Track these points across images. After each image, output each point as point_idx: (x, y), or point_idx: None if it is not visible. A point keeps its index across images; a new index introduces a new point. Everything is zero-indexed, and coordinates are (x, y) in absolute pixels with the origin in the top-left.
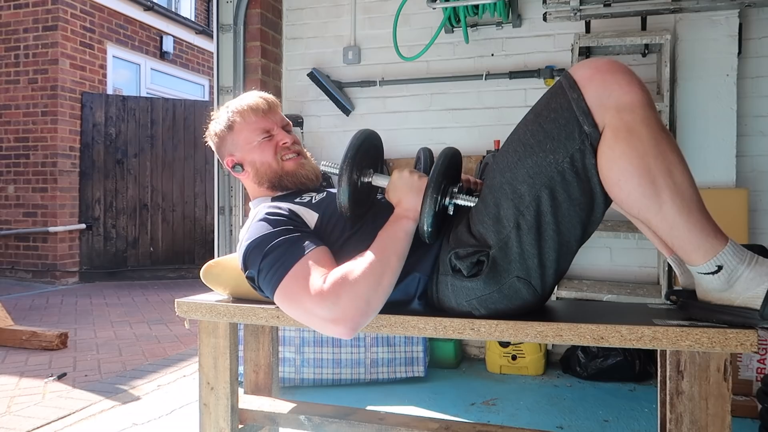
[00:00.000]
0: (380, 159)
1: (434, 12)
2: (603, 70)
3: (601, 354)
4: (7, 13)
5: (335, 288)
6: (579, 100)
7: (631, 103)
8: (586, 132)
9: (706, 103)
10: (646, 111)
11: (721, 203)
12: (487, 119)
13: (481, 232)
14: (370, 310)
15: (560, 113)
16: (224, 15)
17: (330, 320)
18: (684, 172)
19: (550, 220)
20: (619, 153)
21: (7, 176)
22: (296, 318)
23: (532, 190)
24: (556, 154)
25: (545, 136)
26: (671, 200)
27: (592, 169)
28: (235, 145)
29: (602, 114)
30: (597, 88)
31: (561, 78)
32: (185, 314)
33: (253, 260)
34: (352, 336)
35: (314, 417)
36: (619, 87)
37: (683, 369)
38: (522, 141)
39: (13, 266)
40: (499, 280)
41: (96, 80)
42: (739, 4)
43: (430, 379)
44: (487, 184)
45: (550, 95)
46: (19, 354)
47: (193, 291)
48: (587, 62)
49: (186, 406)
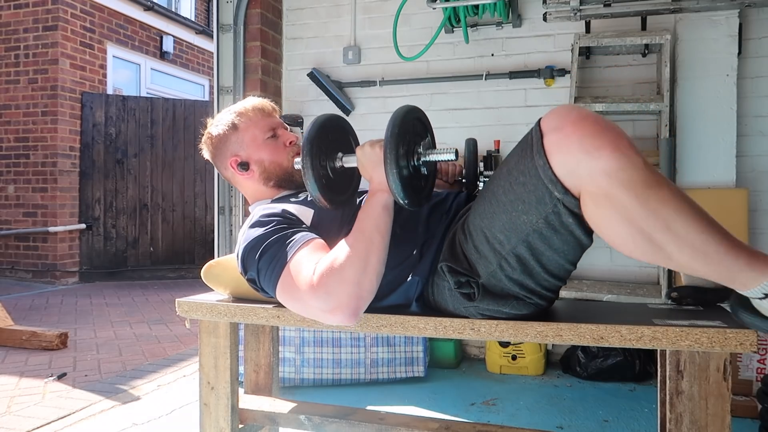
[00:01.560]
0: (350, 139)
1: (434, 12)
2: (569, 132)
3: (601, 354)
4: (7, 13)
5: (323, 278)
6: (545, 168)
7: (604, 168)
8: (557, 197)
9: (706, 103)
10: (624, 172)
11: (721, 203)
12: (487, 119)
13: (470, 260)
14: (363, 292)
15: (528, 178)
16: (224, 15)
17: (327, 311)
18: (688, 219)
19: (534, 264)
20: (604, 219)
21: (7, 176)
22: (299, 313)
23: (509, 241)
24: (529, 215)
25: (516, 198)
26: (679, 252)
27: (572, 225)
28: (241, 144)
29: (574, 181)
30: (564, 155)
31: (531, 132)
32: (186, 314)
33: (251, 262)
34: (355, 321)
35: (314, 417)
36: (587, 153)
37: (683, 369)
38: (495, 196)
39: (13, 266)
40: (496, 299)
41: (96, 80)
42: (739, 4)
43: (430, 379)
44: (470, 218)
45: (521, 152)
46: (19, 354)
47: (193, 291)
48: (555, 117)
49: (186, 406)
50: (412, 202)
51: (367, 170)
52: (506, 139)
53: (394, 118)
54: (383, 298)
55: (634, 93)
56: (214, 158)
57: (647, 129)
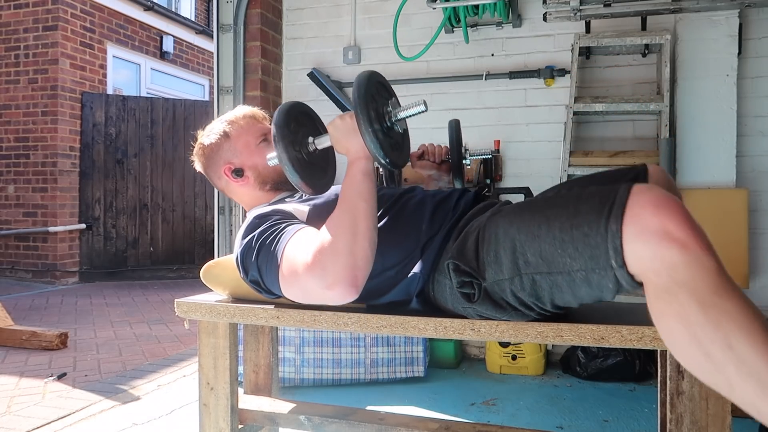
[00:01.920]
0: (316, 124)
1: (434, 12)
2: (651, 212)
3: (601, 354)
4: (7, 13)
5: (317, 256)
6: (615, 237)
7: (672, 261)
8: (612, 266)
9: (706, 103)
10: (690, 270)
11: (721, 203)
12: (487, 119)
13: (481, 260)
14: (358, 261)
15: (594, 233)
16: (224, 15)
17: (326, 288)
18: (756, 342)
19: (546, 295)
20: (663, 314)
21: (7, 176)
22: (306, 300)
23: (536, 267)
24: (574, 262)
25: (570, 240)
26: (740, 380)
27: (609, 290)
28: (234, 152)
29: (638, 261)
30: (638, 231)
31: (619, 192)
32: (185, 314)
33: (250, 263)
34: (356, 292)
35: (314, 417)
36: (660, 242)
37: (684, 369)
38: (549, 222)
39: (13, 266)
40: (495, 306)
41: (96, 80)
42: (739, 4)
43: (430, 379)
44: (502, 222)
45: (599, 202)
46: (19, 354)
47: (193, 291)
48: (644, 194)
49: (186, 406)
50: (393, 161)
51: (342, 143)
52: (506, 139)
53: (357, 83)
54: (385, 293)
55: (634, 93)
56: (206, 169)
57: (647, 129)
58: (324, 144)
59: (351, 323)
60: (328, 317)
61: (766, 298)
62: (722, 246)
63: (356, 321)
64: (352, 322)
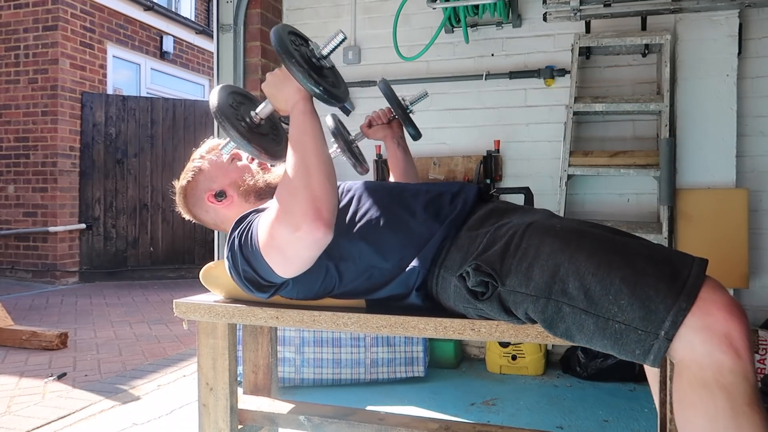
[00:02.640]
0: (252, 99)
1: (434, 12)
2: (722, 317)
3: (601, 354)
4: (7, 13)
5: (280, 207)
6: (679, 313)
7: (723, 362)
8: (659, 335)
9: (706, 103)
10: (736, 378)
11: (721, 203)
12: (487, 119)
13: (507, 266)
14: (317, 192)
15: (659, 296)
16: (224, 15)
17: (294, 229)
18: None
19: (559, 325)
20: (689, 402)
21: (7, 176)
22: (289, 261)
23: (569, 300)
24: (621, 312)
25: (630, 292)
26: None
27: (630, 350)
28: (211, 179)
29: (686, 348)
30: (702, 326)
31: (693, 269)
32: (184, 315)
33: (238, 260)
34: (324, 227)
35: (314, 417)
36: (719, 341)
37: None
38: (610, 264)
39: (13, 266)
40: (501, 310)
41: (96, 80)
42: (739, 4)
43: (430, 379)
44: (549, 242)
45: (671, 268)
46: (19, 354)
47: (193, 291)
48: (718, 294)
49: (186, 406)
50: (328, 89)
51: (279, 96)
52: (506, 139)
53: (274, 35)
54: (382, 287)
55: (634, 93)
56: (192, 208)
57: (647, 129)
58: (265, 109)
59: (351, 323)
60: (327, 317)
61: (766, 298)
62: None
63: (356, 321)
64: (351, 322)
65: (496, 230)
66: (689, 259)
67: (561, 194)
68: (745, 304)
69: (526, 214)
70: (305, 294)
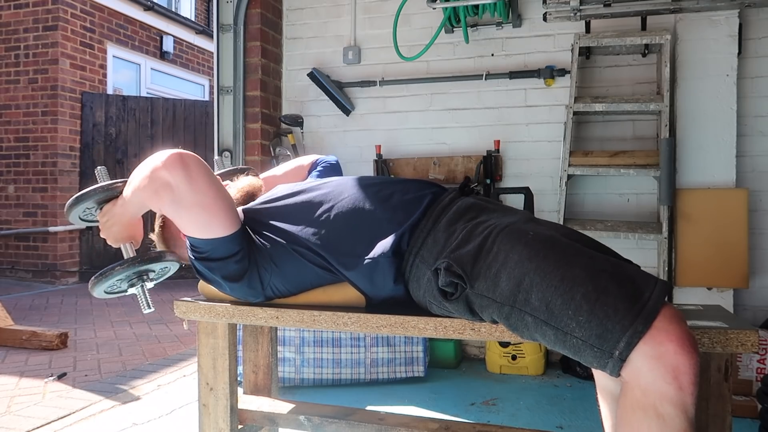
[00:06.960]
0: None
1: (434, 12)
2: (674, 349)
3: None
4: (7, 13)
5: (143, 184)
6: (634, 336)
7: (662, 392)
8: (612, 354)
9: (706, 103)
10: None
11: (721, 203)
12: (487, 119)
13: (478, 269)
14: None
15: (617, 317)
16: (224, 15)
17: (154, 171)
18: None
19: (526, 333)
20: (629, 421)
21: (7, 176)
22: (184, 200)
23: (532, 310)
24: (579, 328)
25: (589, 310)
26: None
27: (588, 361)
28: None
29: (634, 373)
30: (653, 355)
31: (655, 292)
32: (184, 315)
33: (198, 267)
34: (179, 152)
35: (314, 417)
36: (665, 371)
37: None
38: (573, 279)
39: (13, 266)
40: (466, 310)
41: (96, 80)
42: (739, 4)
43: (430, 379)
44: (519, 249)
45: (633, 289)
46: (19, 354)
47: (193, 291)
48: (675, 325)
49: (186, 406)
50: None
51: (126, 217)
52: (506, 139)
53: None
54: (353, 269)
55: (634, 93)
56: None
57: (647, 129)
58: (129, 249)
59: (351, 323)
60: (327, 317)
61: (766, 298)
62: (722, 246)
63: (356, 321)
64: (351, 321)
65: (473, 227)
66: (652, 280)
67: (561, 194)
68: (745, 304)
69: (505, 214)
70: (290, 283)
